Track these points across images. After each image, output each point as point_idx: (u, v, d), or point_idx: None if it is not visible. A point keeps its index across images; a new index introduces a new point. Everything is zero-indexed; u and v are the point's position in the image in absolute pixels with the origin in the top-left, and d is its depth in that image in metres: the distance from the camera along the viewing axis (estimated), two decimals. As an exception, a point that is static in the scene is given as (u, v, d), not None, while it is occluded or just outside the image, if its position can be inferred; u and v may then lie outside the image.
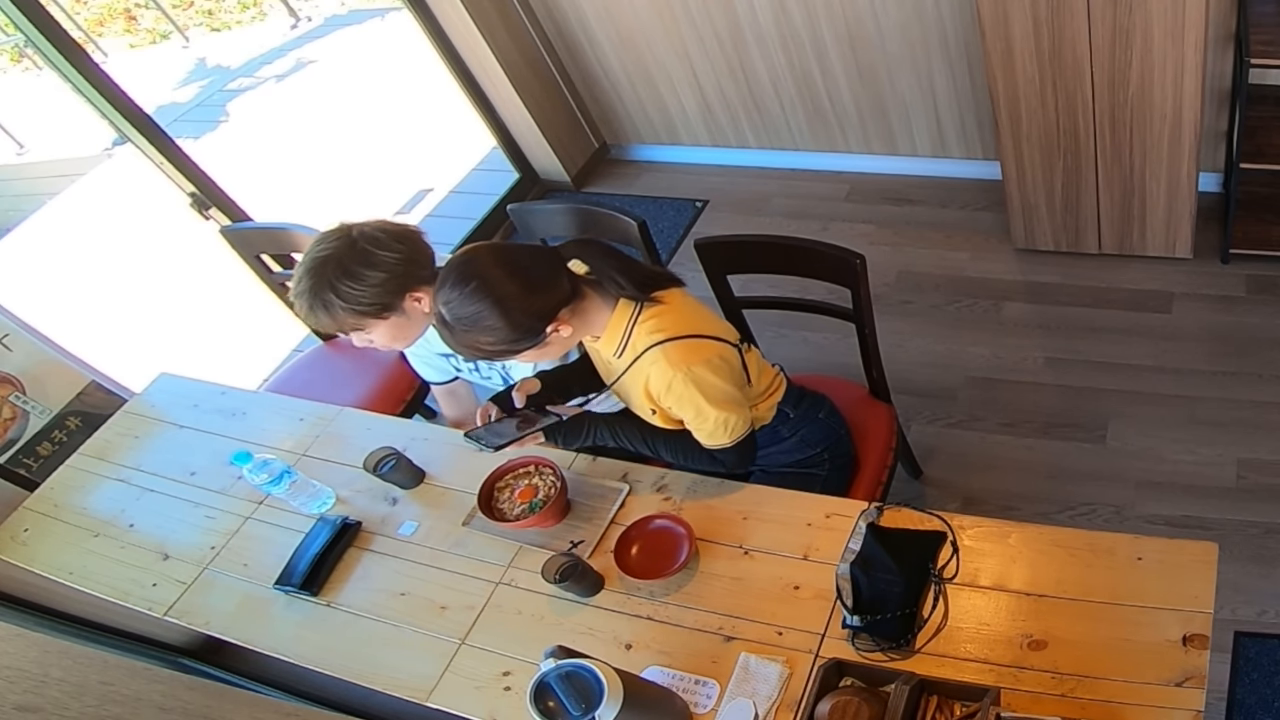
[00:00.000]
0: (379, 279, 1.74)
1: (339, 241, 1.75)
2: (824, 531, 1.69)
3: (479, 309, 1.47)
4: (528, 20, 3.57)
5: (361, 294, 1.74)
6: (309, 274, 1.74)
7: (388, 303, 1.78)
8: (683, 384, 1.60)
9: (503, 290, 1.47)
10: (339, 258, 1.73)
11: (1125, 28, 2.37)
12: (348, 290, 1.73)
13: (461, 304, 1.48)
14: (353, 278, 1.72)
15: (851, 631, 1.53)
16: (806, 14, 3.15)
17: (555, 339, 1.55)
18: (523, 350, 1.54)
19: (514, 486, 1.87)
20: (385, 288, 1.76)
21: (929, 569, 1.57)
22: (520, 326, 1.50)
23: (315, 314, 1.77)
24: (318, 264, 1.73)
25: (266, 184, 4.66)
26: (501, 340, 1.50)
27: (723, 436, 1.70)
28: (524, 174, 4.01)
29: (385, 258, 1.75)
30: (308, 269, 1.74)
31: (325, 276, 1.72)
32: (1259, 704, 2.03)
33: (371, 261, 1.74)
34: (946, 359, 2.93)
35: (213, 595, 1.92)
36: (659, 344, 1.61)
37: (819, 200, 3.60)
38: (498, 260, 1.50)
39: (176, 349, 3.95)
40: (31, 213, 5.44)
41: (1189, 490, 2.45)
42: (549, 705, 1.27)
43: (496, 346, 1.51)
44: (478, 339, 1.50)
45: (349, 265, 1.73)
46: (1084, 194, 2.85)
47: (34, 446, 2.41)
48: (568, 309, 1.55)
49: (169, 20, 7.07)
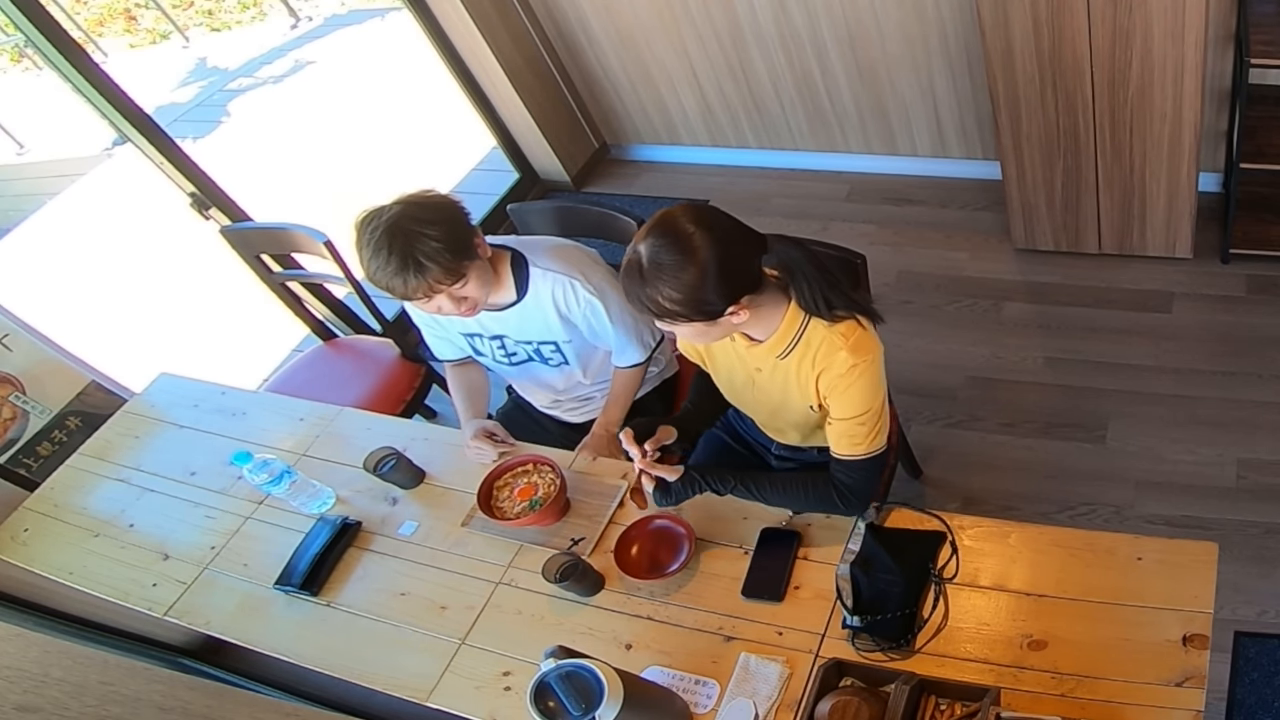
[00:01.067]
0: (448, 224, 1.73)
1: (394, 210, 1.71)
2: (824, 531, 1.69)
3: (677, 263, 1.41)
4: (528, 20, 3.57)
5: (444, 242, 1.70)
6: (387, 242, 1.67)
7: (468, 244, 1.75)
8: (866, 370, 1.54)
9: (702, 254, 1.41)
10: (405, 219, 1.69)
11: (1125, 28, 2.37)
12: (433, 240, 1.69)
13: (661, 253, 1.41)
14: (430, 225, 1.69)
15: (851, 632, 1.53)
16: (806, 14, 3.15)
17: (726, 322, 1.50)
18: (696, 321, 1.47)
19: (513, 485, 1.87)
20: (456, 230, 1.74)
21: (929, 569, 1.57)
22: (710, 292, 1.43)
23: (407, 277, 1.69)
24: (388, 230, 1.68)
25: (266, 184, 4.66)
26: (684, 302, 1.43)
27: (869, 440, 1.60)
28: (524, 174, 4.01)
29: (442, 203, 1.76)
30: (382, 240, 1.68)
31: (405, 235, 1.68)
32: (1259, 704, 2.03)
33: (434, 209, 1.73)
34: (946, 359, 2.93)
35: (213, 595, 1.92)
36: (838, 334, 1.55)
37: (819, 200, 3.60)
38: (704, 224, 1.44)
39: (176, 349, 3.95)
40: (31, 213, 5.44)
41: (1189, 490, 2.45)
42: (549, 705, 1.27)
43: (676, 306, 1.43)
44: (662, 292, 1.42)
45: (420, 218, 1.70)
46: (1084, 194, 2.85)
47: (34, 446, 2.41)
48: (749, 297, 1.49)
49: (169, 20, 7.07)
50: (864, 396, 1.56)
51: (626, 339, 2.01)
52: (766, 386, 1.70)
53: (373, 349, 2.79)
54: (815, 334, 1.56)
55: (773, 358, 1.61)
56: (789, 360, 1.60)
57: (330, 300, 3.04)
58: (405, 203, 1.73)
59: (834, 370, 1.55)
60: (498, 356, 2.09)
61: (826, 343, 1.55)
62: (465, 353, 2.14)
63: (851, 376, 1.54)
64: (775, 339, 1.58)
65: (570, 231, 2.32)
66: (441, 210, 1.75)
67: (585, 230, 2.29)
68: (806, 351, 1.58)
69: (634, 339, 2.02)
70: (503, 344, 2.05)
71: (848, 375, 1.54)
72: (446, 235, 1.71)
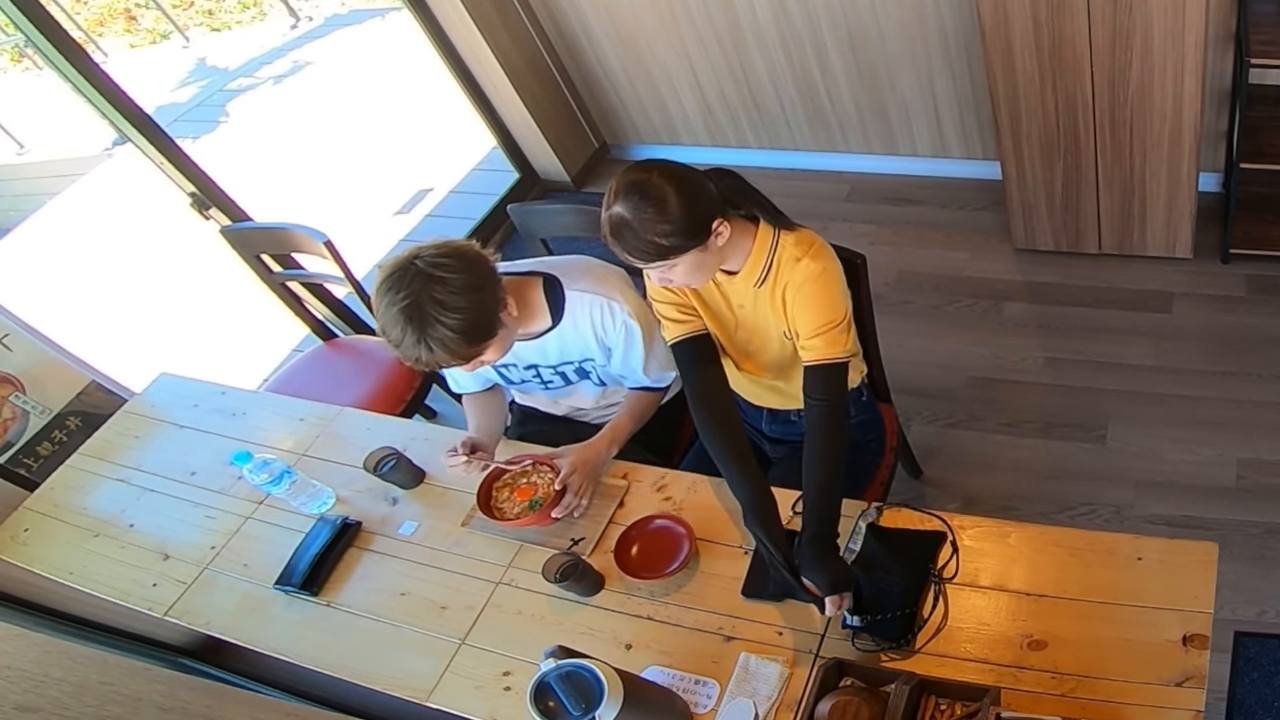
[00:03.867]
0: (470, 310, 1.64)
1: (415, 285, 1.62)
2: (824, 531, 1.69)
3: (655, 203, 1.50)
4: (528, 20, 3.57)
5: (462, 331, 1.63)
6: (404, 319, 1.62)
7: (489, 326, 1.69)
8: (834, 276, 1.66)
9: (669, 189, 1.51)
10: (425, 299, 1.61)
11: (1125, 28, 2.37)
12: (449, 328, 1.62)
13: (641, 201, 1.50)
14: (450, 311, 1.62)
15: (852, 631, 1.53)
16: (806, 14, 3.15)
17: (713, 245, 1.57)
18: (691, 248, 1.54)
19: (513, 485, 1.87)
20: (478, 314, 1.66)
21: (929, 569, 1.57)
22: (694, 215, 1.53)
23: (420, 353, 1.66)
24: (405, 310, 1.61)
25: (266, 184, 4.66)
26: (675, 232, 1.51)
27: (846, 340, 1.67)
28: (524, 174, 4.01)
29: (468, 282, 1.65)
30: (399, 316, 1.62)
31: (421, 319, 1.61)
32: (1259, 704, 2.03)
33: (458, 291, 1.63)
34: (946, 359, 2.93)
35: (213, 595, 1.92)
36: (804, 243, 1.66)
37: (819, 200, 3.60)
38: (658, 171, 1.54)
39: (176, 349, 3.95)
40: (31, 213, 5.45)
41: (1189, 490, 2.45)
42: (549, 705, 1.27)
43: (674, 239, 1.52)
44: (656, 229, 1.50)
45: (441, 300, 1.61)
46: (1084, 194, 2.85)
47: (34, 446, 2.41)
48: (722, 215, 1.58)
49: (169, 20, 7.07)
50: (832, 301, 1.65)
51: (658, 363, 1.96)
52: (748, 323, 1.78)
53: (373, 349, 2.78)
54: (785, 246, 1.67)
55: (750, 288, 1.70)
56: (764, 288, 1.69)
57: (330, 300, 3.04)
58: (429, 275, 1.62)
59: (798, 278, 1.65)
60: (533, 386, 2.04)
61: (788, 258, 1.66)
62: (490, 383, 2.08)
63: (818, 283, 1.64)
64: (750, 265, 1.68)
65: (570, 231, 2.32)
66: (465, 293, 1.64)
67: (585, 230, 2.29)
68: (778, 277, 1.67)
69: (665, 362, 1.95)
70: (538, 373, 2.00)
71: (814, 281, 1.64)
72: (466, 323, 1.64)
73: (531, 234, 2.33)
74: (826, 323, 1.64)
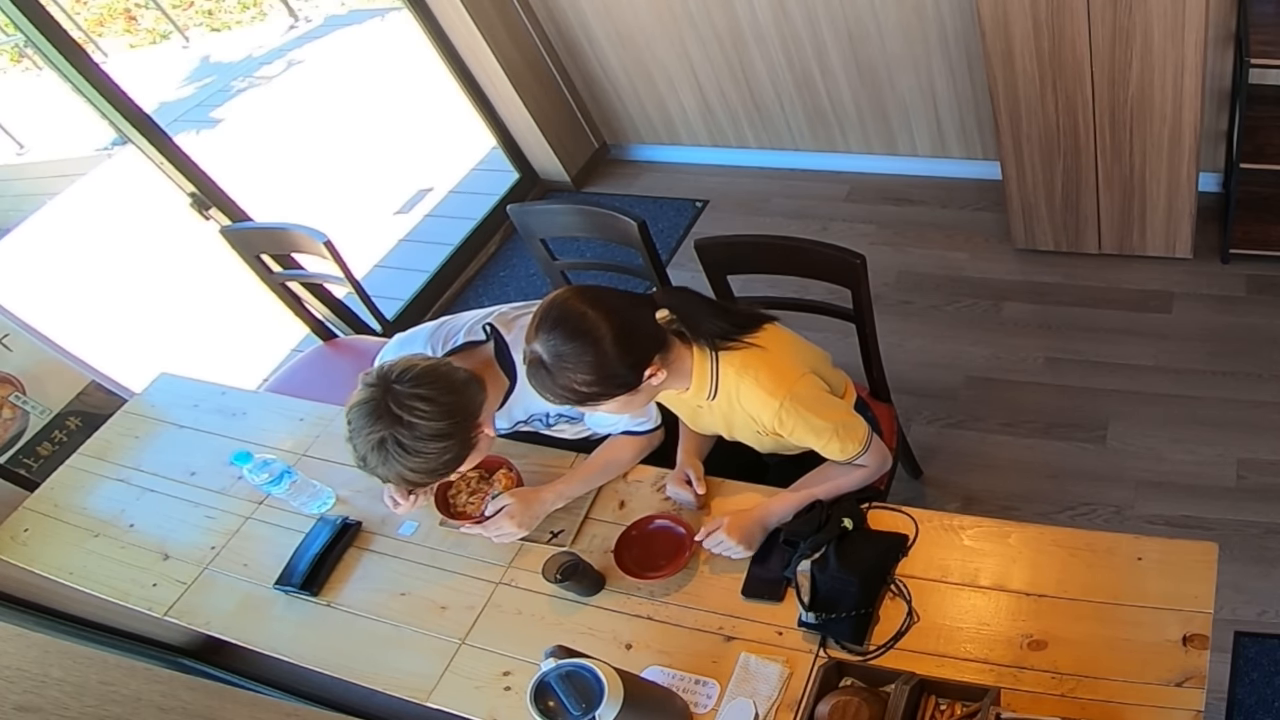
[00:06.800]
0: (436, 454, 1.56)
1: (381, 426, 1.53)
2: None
3: (578, 347, 1.42)
4: (528, 20, 3.57)
5: (422, 471, 1.58)
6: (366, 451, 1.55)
7: (456, 459, 1.61)
8: (790, 410, 1.59)
9: (600, 330, 1.43)
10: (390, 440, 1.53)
11: (1125, 28, 2.37)
12: (409, 469, 1.56)
13: (560, 343, 1.43)
14: (412, 455, 1.54)
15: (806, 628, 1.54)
16: (806, 14, 3.15)
17: (647, 387, 1.52)
18: (616, 395, 1.49)
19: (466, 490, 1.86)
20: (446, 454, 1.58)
21: (887, 572, 1.58)
22: (619, 363, 1.45)
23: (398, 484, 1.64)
24: (373, 444, 1.54)
25: (266, 184, 4.66)
26: (597, 381, 1.45)
27: (852, 445, 1.67)
28: (524, 174, 4.01)
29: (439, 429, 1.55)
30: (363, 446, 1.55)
31: (384, 456, 1.54)
32: (1259, 704, 2.03)
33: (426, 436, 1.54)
34: (946, 359, 2.93)
35: (213, 595, 1.92)
36: (750, 378, 1.59)
37: (819, 200, 3.59)
38: (591, 302, 1.46)
39: (176, 349, 3.95)
40: (31, 213, 5.45)
41: (1189, 490, 2.45)
42: (549, 705, 1.27)
43: (592, 388, 1.45)
44: (574, 379, 1.44)
45: (406, 445, 1.53)
46: (1084, 194, 2.85)
47: (34, 446, 2.41)
48: (660, 355, 1.53)
49: (169, 20, 7.08)
50: (813, 422, 1.62)
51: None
52: (709, 422, 1.77)
53: (373, 349, 2.77)
54: (728, 373, 1.61)
55: (704, 400, 1.67)
56: (718, 402, 1.66)
57: (330, 300, 3.04)
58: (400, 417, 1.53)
59: (766, 417, 1.61)
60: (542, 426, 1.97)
61: (744, 391, 1.60)
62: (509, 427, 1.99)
63: (787, 414, 1.59)
64: (695, 386, 1.63)
65: (570, 231, 2.32)
66: (435, 437, 1.55)
67: (584, 230, 2.29)
68: (730, 394, 1.63)
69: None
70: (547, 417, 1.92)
71: (784, 416, 1.60)
72: (427, 465, 1.56)
73: (531, 234, 2.33)
74: (824, 430, 1.63)
